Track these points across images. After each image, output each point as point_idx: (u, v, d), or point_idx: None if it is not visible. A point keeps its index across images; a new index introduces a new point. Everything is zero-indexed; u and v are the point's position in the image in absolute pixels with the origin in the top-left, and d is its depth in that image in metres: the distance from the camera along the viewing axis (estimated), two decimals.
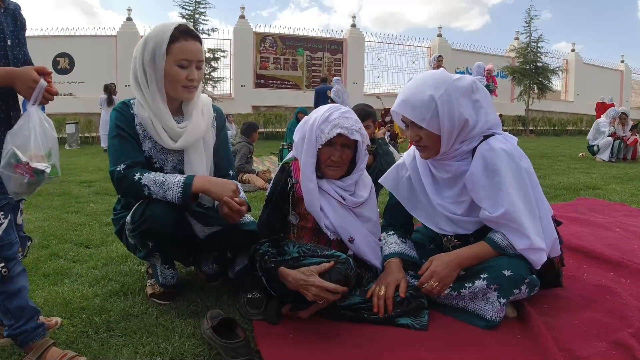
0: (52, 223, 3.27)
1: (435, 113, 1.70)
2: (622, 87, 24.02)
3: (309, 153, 1.81)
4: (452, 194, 1.85)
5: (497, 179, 1.69)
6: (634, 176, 5.87)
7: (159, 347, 1.54)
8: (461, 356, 1.51)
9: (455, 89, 1.71)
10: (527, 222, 1.67)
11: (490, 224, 1.75)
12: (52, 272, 2.24)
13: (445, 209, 1.85)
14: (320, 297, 1.60)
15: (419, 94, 1.72)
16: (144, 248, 1.78)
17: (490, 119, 1.78)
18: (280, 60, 18.05)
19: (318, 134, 1.80)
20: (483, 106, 1.77)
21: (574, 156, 8.86)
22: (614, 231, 2.98)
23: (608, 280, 2.09)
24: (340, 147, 1.82)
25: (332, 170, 1.85)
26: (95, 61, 15.59)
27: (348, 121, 1.79)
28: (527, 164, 1.77)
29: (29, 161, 1.30)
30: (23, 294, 1.39)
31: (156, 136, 1.79)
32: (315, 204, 1.83)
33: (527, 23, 18.35)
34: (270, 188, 1.95)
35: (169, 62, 1.72)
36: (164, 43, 1.70)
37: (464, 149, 1.78)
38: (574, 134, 18.58)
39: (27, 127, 1.33)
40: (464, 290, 1.73)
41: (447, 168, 1.83)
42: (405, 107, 1.75)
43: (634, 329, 1.60)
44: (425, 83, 1.73)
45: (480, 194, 1.73)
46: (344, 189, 1.88)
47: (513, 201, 1.67)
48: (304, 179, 1.83)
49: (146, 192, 1.68)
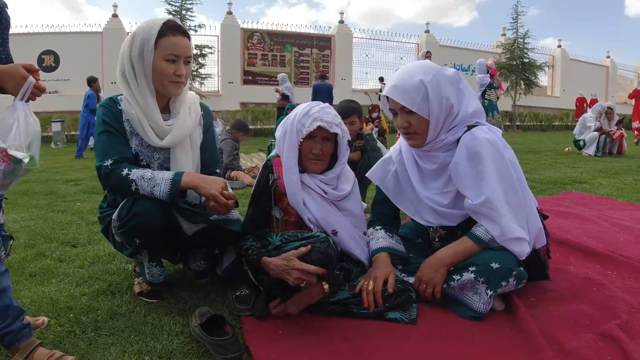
0: (38, 222, 3.23)
1: (425, 97, 1.74)
2: (608, 82, 24.34)
3: (291, 147, 1.85)
4: (438, 185, 1.88)
5: (480, 168, 1.72)
6: (619, 170, 5.95)
7: (147, 345, 1.52)
8: (450, 349, 1.52)
9: (443, 76, 1.78)
10: (506, 211, 1.70)
11: (472, 213, 1.77)
12: (38, 271, 2.21)
13: (431, 201, 1.88)
14: (301, 279, 1.61)
15: (409, 79, 1.77)
16: (130, 246, 1.77)
17: (471, 105, 1.83)
18: (268, 56, 17.99)
19: (299, 128, 1.84)
20: (465, 94, 1.83)
21: (561, 151, 8.96)
22: (600, 224, 3.01)
23: (595, 273, 2.12)
24: (321, 140, 1.86)
25: (314, 164, 1.88)
26: (80, 58, 15.40)
27: (327, 115, 1.85)
28: (510, 154, 1.80)
29: (7, 148, 1.26)
30: (7, 294, 1.37)
31: (143, 133, 1.78)
32: (298, 197, 1.85)
33: (514, 19, 18.50)
34: (255, 185, 1.96)
35: (157, 57, 1.70)
36: (152, 38, 1.68)
37: (449, 139, 1.81)
38: (560, 129, 18.78)
39: (9, 118, 1.31)
40: (452, 283, 1.75)
41: (433, 159, 1.86)
42: (395, 92, 1.79)
43: (621, 320, 1.63)
44: (415, 69, 1.80)
45: (464, 183, 1.76)
46: (325, 183, 1.91)
47: (494, 190, 1.70)
48: (287, 172, 1.85)
49: (134, 187, 1.66)
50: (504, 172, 1.73)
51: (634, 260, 2.22)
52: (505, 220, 1.69)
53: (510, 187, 1.73)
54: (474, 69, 20.24)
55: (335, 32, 18.88)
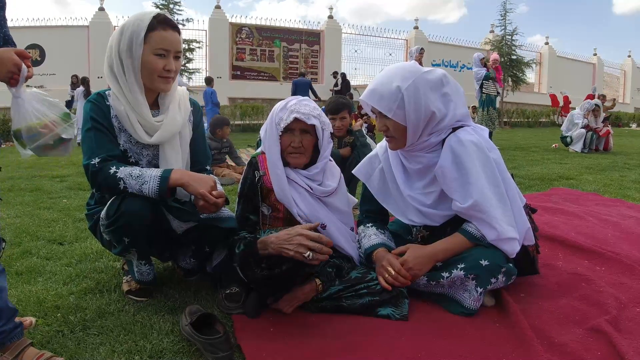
0: (24, 219, 3.18)
1: (401, 104, 1.72)
2: (595, 80, 24.56)
3: (272, 141, 1.83)
4: (422, 185, 1.87)
5: (466, 171, 1.71)
6: (606, 167, 6.02)
7: (137, 345, 1.51)
8: (441, 344, 1.52)
9: (424, 82, 1.73)
10: (496, 212, 1.70)
11: (462, 215, 1.77)
12: (25, 270, 2.17)
13: (415, 200, 1.88)
14: (304, 247, 1.57)
15: (387, 84, 1.74)
16: (119, 244, 1.74)
17: (459, 112, 1.80)
18: (257, 51, 17.88)
19: (277, 121, 1.83)
20: (452, 100, 1.79)
21: (548, 147, 9.04)
22: (587, 220, 3.04)
23: (583, 268, 2.14)
24: (300, 132, 1.83)
25: (294, 158, 1.85)
26: (66, 52, 15.19)
27: (305, 107, 1.83)
28: (496, 155, 1.79)
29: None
30: (2, 295, 1.34)
31: (131, 130, 1.75)
32: (285, 192, 1.82)
33: (502, 16, 18.59)
34: (241, 183, 1.94)
35: (146, 51, 1.67)
36: (142, 31, 1.65)
37: (432, 140, 1.80)
38: (547, 126, 18.95)
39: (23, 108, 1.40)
40: (442, 280, 1.75)
41: (418, 159, 1.85)
42: (373, 97, 1.78)
43: (610, 315, 1.64)
44: (395, 74, 1.75)
45: (451, 186, 1.76)
46: (311, 179, 1.89)
47: (482, 192, 1.69)
48: (272, 167, 1.83)
49: (122, 186, 1.64)
50: (491, 174, 1.73)
51: (622, 256, 2.25)
52: (497, 222, 1.69)
53: (497, 189, 1.73)
54: (463, 66, 20.27)
55: (324, 28, 18.82)
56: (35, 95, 1.44)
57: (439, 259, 1.77)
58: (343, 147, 3.38)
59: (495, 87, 8.39)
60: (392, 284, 1.74)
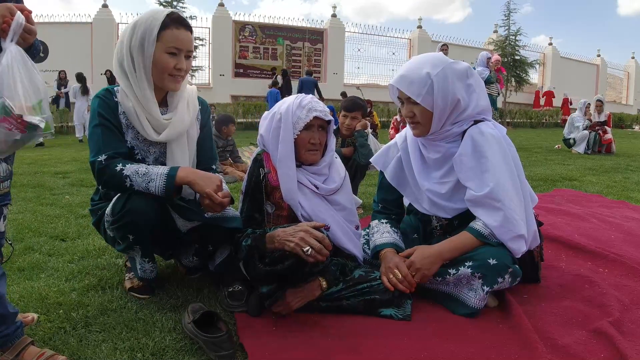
0: (26, 216, 3.18)
1: (430, 90, 1.76)
2: (598, 81, 24.51)
3: (286, 142, 1.82)
4: (439, 175, 1.89)
5: (484, 161, 1.75)
6: (609, 168, 6.00)
7: (139, 342, 1.50)
8: (444, 345, 1.52)
9: (452, 71, 1.79)
10: (511, 203, 1.71)
11: (474, 204, 1.77)
12: (27, 266, 2.18)
13: (430, 191, 1.90)
14: (305, 241, 1.59)
15: (417, 70, 1.79)
16: (123, 241, 1.74)
17: (481, 103, 1.84)
18: (259, 49, 17.86)
19: (295, 120, 1.83)
20: (475, 91, 1.84)
21: (551, 148, 9.02)
22: (590, 222, 3.03)
23: (586, 270, 2.13)
24: (318, 129, 1.87)
25: (313, 154, 1.88)
26: (69, 49, 15.17)
27: (318, 104, 1.88)
28: (513, 152, 1.83)
29: (22, 114, 1.11)
30: (3, 302, 1.32)
31: (139, 127, 1.74)
32: (294, 194, 1.83)
33: (506, 16, 18.51)
34: (246, 180, 1.94)
35: (159, 49, 1.66)
36: (155, 29, 1.64)
37: (454, 130, 1.84)
38: (550, 126, 18.89)
39: (10, 72, 1.12)
40: (448, 277, 1.75)
41: (438, 149, 1.88)
42: (403, 82, 1.81)
43: (613, 317, 1.64)
44: (425, 61, 1.81)
45: (467, 175, 1.78)
46: (317, 174, 1.90)
47: (500, 182, 1.72)
48: (283, 167, 1.82)
49: (128, 183, 1.63)
50: (509, 167, 1.76)
51: (626, 258, 2.24)
52: (509, 211, 1.70)
53: (514, 182, 1.75)
54: None
55: (327, 26, 18.78)
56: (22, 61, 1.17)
57: (446, 258, 1.76)
58: (346, 146, 3.38)
59: (497, 88, 8.41)
60: (395, 286, 1.75)
